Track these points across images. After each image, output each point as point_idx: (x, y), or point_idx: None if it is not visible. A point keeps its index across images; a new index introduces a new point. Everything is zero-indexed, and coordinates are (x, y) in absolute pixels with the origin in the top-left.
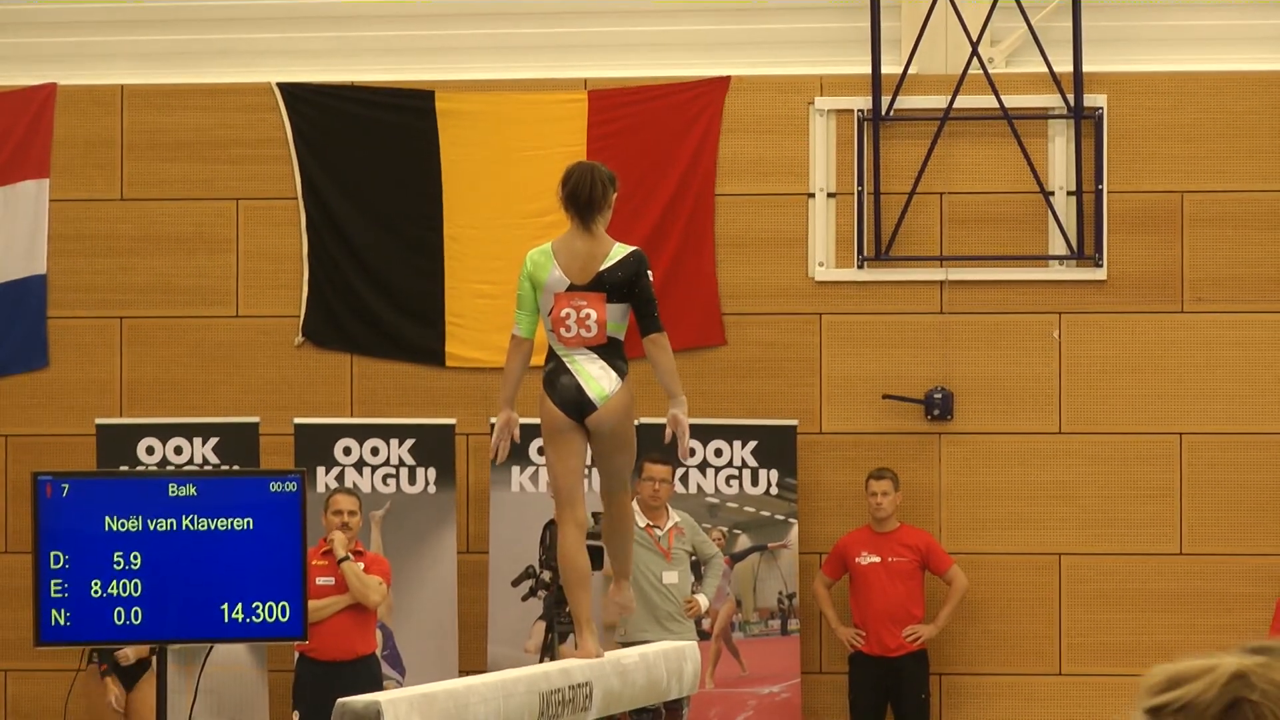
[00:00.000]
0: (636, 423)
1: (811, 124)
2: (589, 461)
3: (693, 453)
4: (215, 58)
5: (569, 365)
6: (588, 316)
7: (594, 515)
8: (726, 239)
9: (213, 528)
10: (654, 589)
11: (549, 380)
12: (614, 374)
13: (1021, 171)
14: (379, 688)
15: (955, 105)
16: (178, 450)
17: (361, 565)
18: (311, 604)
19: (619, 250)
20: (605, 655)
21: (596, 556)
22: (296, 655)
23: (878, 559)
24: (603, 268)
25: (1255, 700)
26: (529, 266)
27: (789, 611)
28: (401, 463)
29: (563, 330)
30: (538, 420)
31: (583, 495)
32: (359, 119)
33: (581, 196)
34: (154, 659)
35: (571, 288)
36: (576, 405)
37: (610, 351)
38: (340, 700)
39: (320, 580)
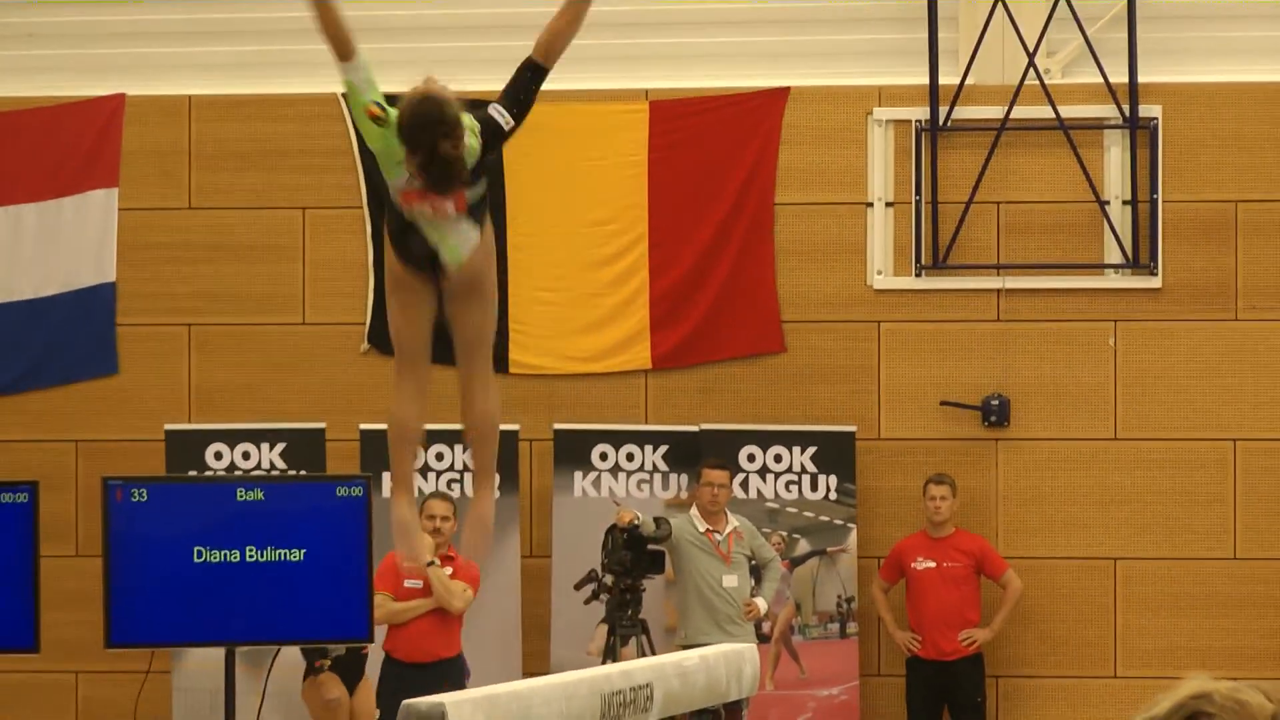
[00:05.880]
0: (702, 428)
1: (870, 134)
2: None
3: None
4: (281, 69)
5: (420, 226)
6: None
7: (656, 520)
8: (786, 247)
9: (283, 531)
10: (714, 593)
11: (394, 234)
12: (472, 229)
13: (1077, 181)
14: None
15: (1012, 115)
16: (245, 455)
17: (449, 570)
18: (396, 606)
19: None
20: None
21: (658, 561)
22: (383, 655)
23: (933, 564)
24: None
25: (1212, 713)
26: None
27: (847, 615)
28: (465, 468)
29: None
30: (599, 426)
31: (428, 356)
32: None
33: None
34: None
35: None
36: (429, 262)
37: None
38: (405, 702)
39: (408, 583)
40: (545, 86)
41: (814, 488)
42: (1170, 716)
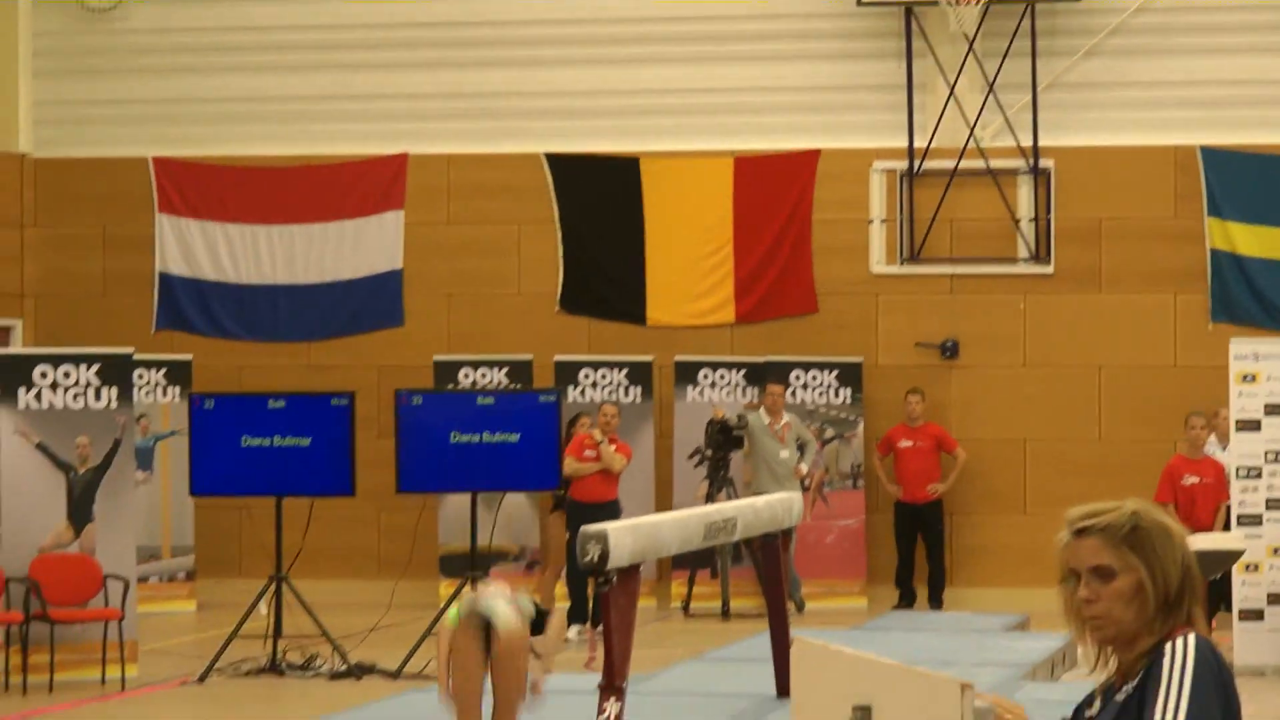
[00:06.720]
0: (767, 359)
1: (871, 178)
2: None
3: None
4: (509, 136)
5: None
6: None
7: (738, 417)
8: (819, 246)
9: (505, 423)
10: (775, 461)
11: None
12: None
13: (1000, 206)
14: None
15: (960, 166)
16: (483, 375)
17: (614, 447)
18: (579, 465)
19: None
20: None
21: (740, 442)
22: (568, 499)
23: (911, 443)
24: None
25: (1145, 528)
26: None
27: (857, 475)
28: (619, 384)
29: None
30: (703, 357)
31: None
32: (593, 174)
33: None
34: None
35: None
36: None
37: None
38: (583, 527)
39: (587, 453)
40: (668, 148)
41: (836, 396)
42: (1127, 521)
